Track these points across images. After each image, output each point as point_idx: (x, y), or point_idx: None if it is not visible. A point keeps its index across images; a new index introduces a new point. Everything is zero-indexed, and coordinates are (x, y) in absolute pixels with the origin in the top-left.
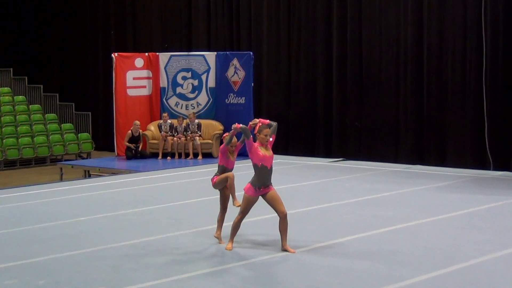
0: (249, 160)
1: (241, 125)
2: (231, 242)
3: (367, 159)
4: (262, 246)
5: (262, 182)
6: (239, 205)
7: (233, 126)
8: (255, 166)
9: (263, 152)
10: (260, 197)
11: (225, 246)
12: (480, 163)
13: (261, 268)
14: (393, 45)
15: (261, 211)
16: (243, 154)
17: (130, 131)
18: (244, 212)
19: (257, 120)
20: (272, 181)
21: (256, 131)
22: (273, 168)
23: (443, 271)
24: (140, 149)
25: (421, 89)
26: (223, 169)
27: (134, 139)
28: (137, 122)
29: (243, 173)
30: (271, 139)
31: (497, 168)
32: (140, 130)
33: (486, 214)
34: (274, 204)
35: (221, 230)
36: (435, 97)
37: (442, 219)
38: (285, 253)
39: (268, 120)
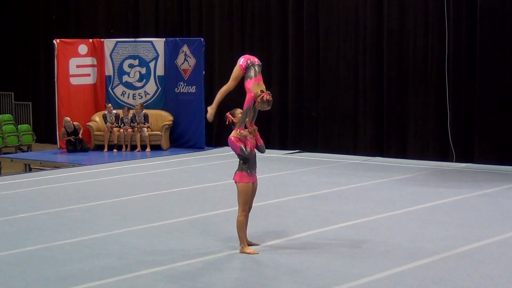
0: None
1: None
2: (245, 245)
3: (325, 151)
4: (212, 244)
5: (252, 167)
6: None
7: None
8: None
9: (252, 139)
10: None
11: (241, 250)
12: (442, 155)
13: (211, 267)
14: (352, 31)
15: (213, 206)
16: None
17: (63, 129)
18: (245, 205)
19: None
20: (225, 176)
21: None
22: (224, 162)
23: (405, 268)
24: (80, 138)
25: (381, 78)
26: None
27: (71, 134)
28: (67, 119)
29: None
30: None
31: (460, 160)
32: (74, 123)
33: (448, 208)
34: (252, 197)
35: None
36: (396, 86)
37: (403, 213)
38: (235, 251)
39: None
